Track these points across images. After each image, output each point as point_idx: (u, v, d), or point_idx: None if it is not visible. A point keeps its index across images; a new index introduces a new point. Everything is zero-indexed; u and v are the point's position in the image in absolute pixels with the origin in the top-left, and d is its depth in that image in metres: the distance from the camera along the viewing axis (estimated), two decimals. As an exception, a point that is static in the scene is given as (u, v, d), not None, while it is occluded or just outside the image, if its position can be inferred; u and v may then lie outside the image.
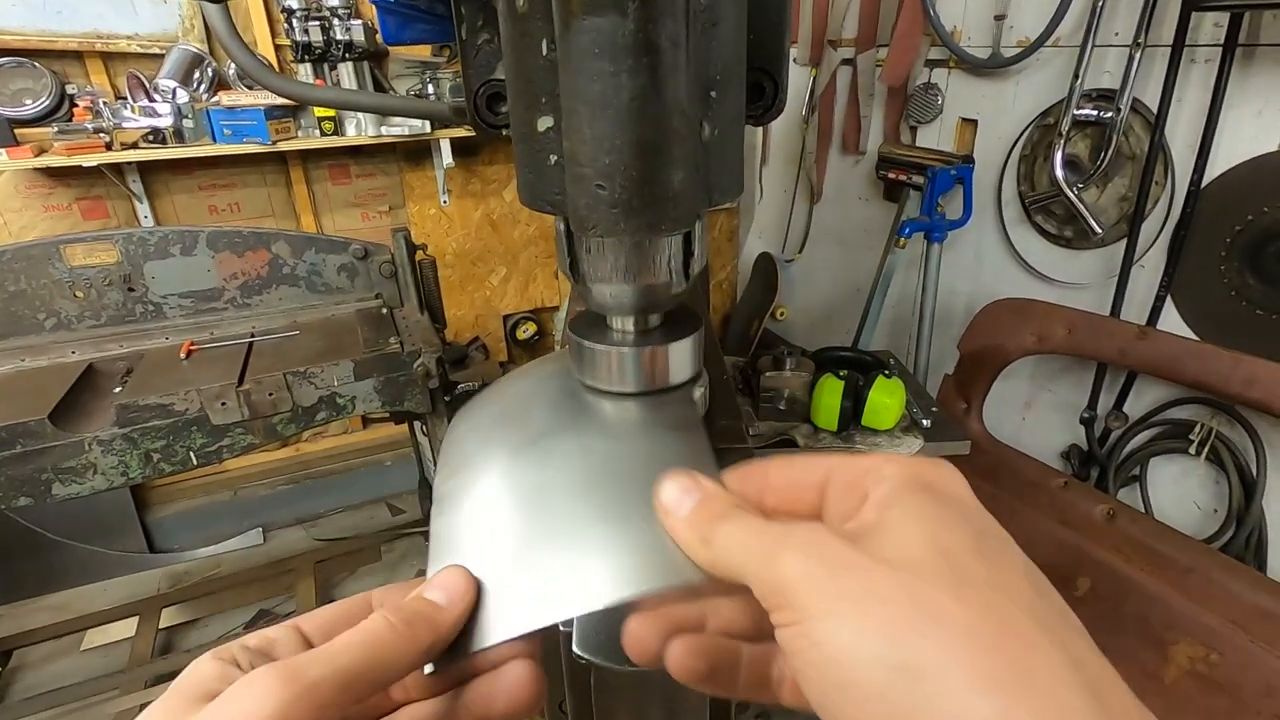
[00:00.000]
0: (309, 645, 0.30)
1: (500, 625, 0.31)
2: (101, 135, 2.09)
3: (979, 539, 0.26)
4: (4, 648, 2.16)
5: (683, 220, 0.31)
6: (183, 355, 1.61)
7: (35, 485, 1.38)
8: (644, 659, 0.31)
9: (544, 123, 0.32)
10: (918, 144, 2.54)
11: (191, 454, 1.49)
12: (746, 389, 1.69)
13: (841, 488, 0.29)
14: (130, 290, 1.68)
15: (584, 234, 0.32)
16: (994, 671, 0.21)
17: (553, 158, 0.33)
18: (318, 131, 2.36)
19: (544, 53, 0.31)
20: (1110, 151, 1.91)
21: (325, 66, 2.32)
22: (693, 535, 0.29)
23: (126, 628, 2.26)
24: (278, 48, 2.41)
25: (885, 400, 1.54)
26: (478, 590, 0.32)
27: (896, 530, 0.26)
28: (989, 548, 0.25)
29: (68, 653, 2.24)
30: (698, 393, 0.41)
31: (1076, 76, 1.92)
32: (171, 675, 2.21)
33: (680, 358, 0.38)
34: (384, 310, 1.81)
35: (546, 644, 0.33)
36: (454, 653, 0.31)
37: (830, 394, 1.54)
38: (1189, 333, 1.85)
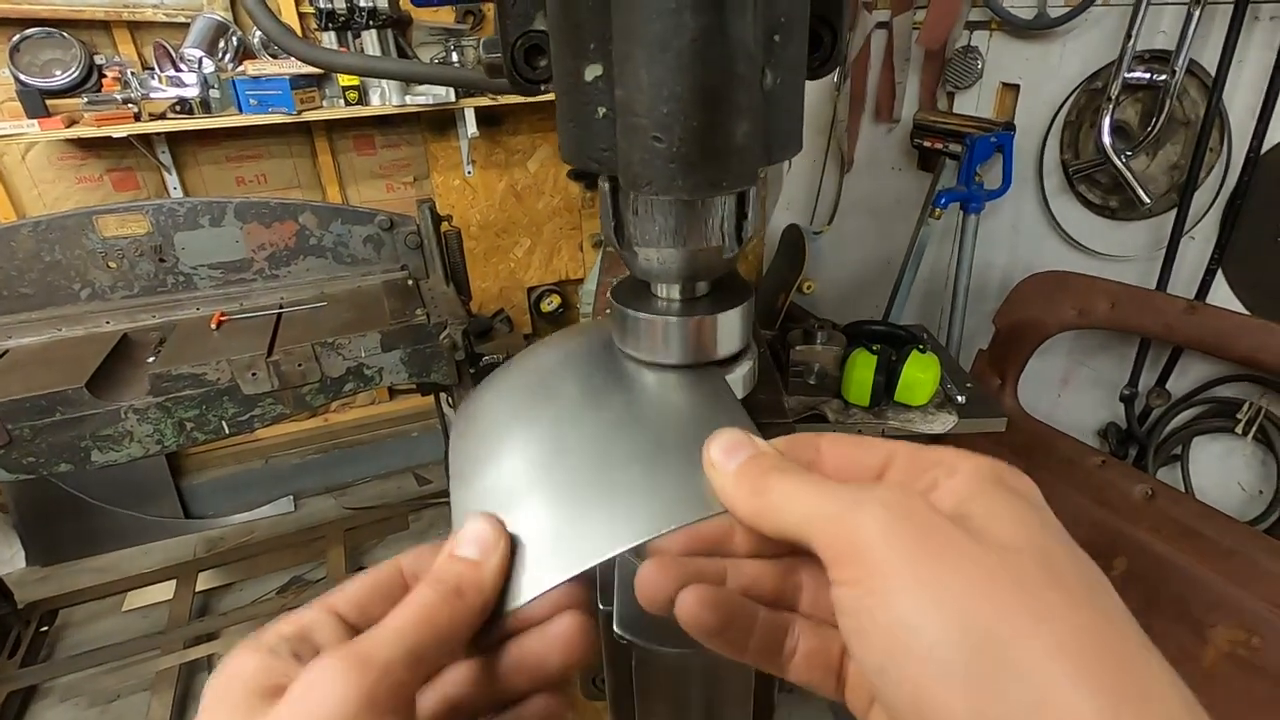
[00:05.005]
0: (347, 625, 0.28)
1: (538, 576, 0.29)
2: (130, 106, 2.09)
3: (1069, 544, 0.24)
4: (50, 608, 2.24)
5: (745, 177, 0.29)
6: (213, 326, 1.63)
7: (75, 452, 1.41)
8: (655, 605, 0.30)
9: (592, 71, 0.30)
10: (955, 110, 2.45)
11: (224, 423, 1.51)
12: (775, 363, 1.66)
13: (906, 474, 0.27)
14: (161, 261, 1.69)
15: (636, 191, 0.29)
16: (1103, 674, 0.20)
17: (601, 110, 0.30)
18: (342, 101, 2.34)
19: (593, -7, 0.28)
20: (1163, 117, 1.82)
21: (349, 34, 2.30)
22: (742, 485, 0.27)
23: (165, 590, 2.33)
24: (301, 16, 2.38)
25: (919, 375, 1.50)
26: (510, 541, 0.30)
27: (985, 518, 0.24)
28: (1079, 555, 0.24)
29: (110, 613, 2.31)
30: (746, 366, 0.39)
31: (1129, 37, 1.82)
32: (209, 637, 2.25)
33: (731, 328, 0.36)
34: (410, 282, 1.81)
35: (590, 596, 0.32)
36: (494, 611, 0.29)
37: (863, 368, 1.50)
38: (1240, 307, 1.77)
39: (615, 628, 0.41)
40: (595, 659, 0.31)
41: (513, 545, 0.30)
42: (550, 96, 0.38)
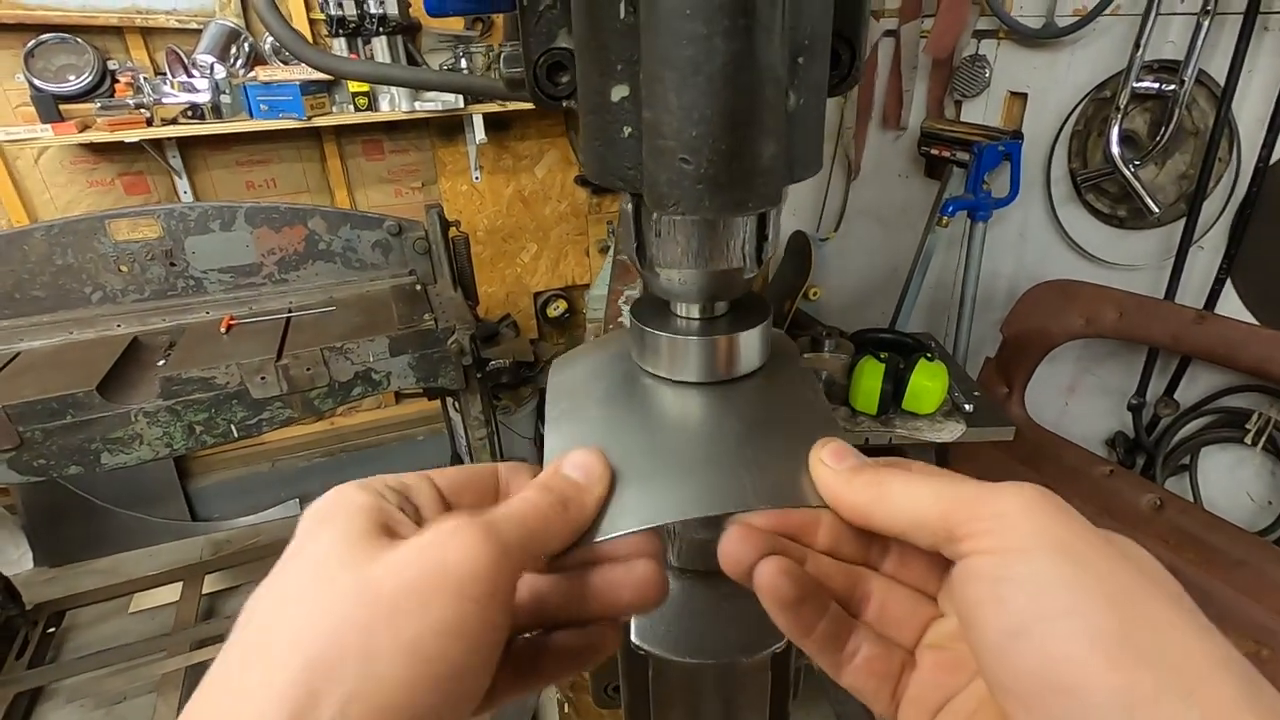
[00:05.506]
0: (444, 500, 0.30)
1: (635, 514, 0.30)
2: (142, 111, 2.11)
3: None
4: (57, 609, 2.25)
5: (770, 197, 0.29)
6: (223, 330, 1.64)
7: (85, 454, 1.42)
8: (736, 570, 0.31)
9: (619, 92, 0.30)
10: (963, 119, 2.45)
11: (232, 426, 1.52)
12: (783, 370, 1.66)
13: None
14: (172, 265, 1.70)
15: (663, 211, 0.30)
16: (1245, 682, 0.21)
17: (627, 130, 0.31)
18: (352, 107, 2.35)
19: (621, 15, 0.28)
20: (1171, 126, 1.82)
21: (359, 41, 2.31)
22: (857, 479, 0.29)
23: (171, 592, 2.33)
24: (312, 22, 2.40)
25: (927, 384, 1.50)
26: (613, 474, 0.31)
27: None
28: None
29: (117, 615, 2.32)
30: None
31: (1137, 47, 1.82)
32: (216, 639, 2.25)
33: (753, 346, 0.37)
34: (418, 286, 1.82)
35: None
36: (581, 538, 0.30)
37: (870, 376, 1.50)
38: (1250, 317, 1.77)
39: (633, 638, 0.41)
40: (661, 604, 0.32)
41: (613, 480, 0.31)
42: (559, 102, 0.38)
